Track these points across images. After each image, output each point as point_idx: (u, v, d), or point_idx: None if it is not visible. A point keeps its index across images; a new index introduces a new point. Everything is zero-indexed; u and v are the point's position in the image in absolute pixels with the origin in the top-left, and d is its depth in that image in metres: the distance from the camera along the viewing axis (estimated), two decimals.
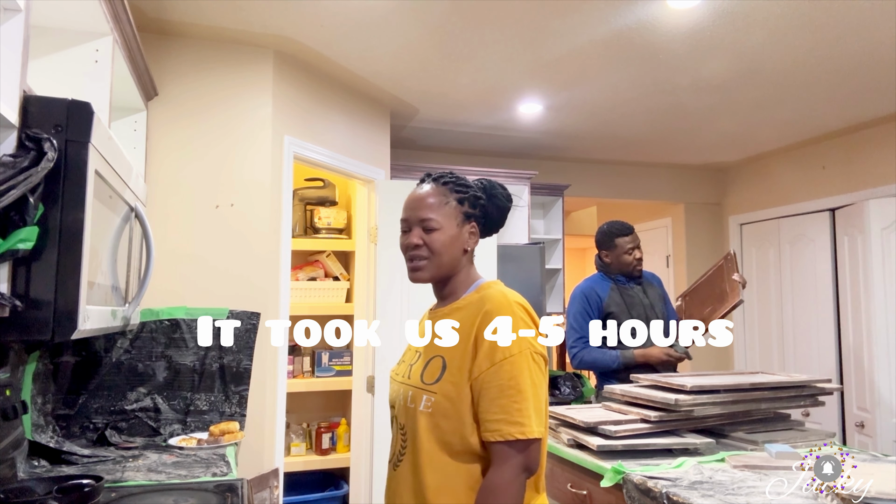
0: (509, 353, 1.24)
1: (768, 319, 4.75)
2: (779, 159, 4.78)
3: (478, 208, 1.41)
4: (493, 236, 3.46)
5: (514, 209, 4.32)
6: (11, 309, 1.14)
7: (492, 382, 1.24)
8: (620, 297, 2.91)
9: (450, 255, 1.37)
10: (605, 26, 2.62)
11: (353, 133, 3.40)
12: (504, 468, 1.22)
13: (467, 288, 1.40)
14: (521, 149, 4.69)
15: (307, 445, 3.88)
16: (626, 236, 2.93)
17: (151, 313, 2.53)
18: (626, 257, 2.93)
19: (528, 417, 1.22)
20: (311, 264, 4.01)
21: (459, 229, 1.38)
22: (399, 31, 2.69)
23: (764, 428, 2.22)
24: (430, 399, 1.28)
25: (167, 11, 2.52)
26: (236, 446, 2.33)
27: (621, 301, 2.90)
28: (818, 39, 2.73)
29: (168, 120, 2.68)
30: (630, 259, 2.93)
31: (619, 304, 2.89)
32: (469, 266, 1.43)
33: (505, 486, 1.21)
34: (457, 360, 1.28)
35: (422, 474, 1.27)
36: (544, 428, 1.27)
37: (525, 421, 1.22)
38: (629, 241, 2.93)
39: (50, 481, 1.62)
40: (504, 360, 1.24)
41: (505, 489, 1.21)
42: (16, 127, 1.19)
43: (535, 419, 1.23)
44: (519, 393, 1.23)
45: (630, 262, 2.93)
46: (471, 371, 1.26)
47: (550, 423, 2.31)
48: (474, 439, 1.26)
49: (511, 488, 1.21)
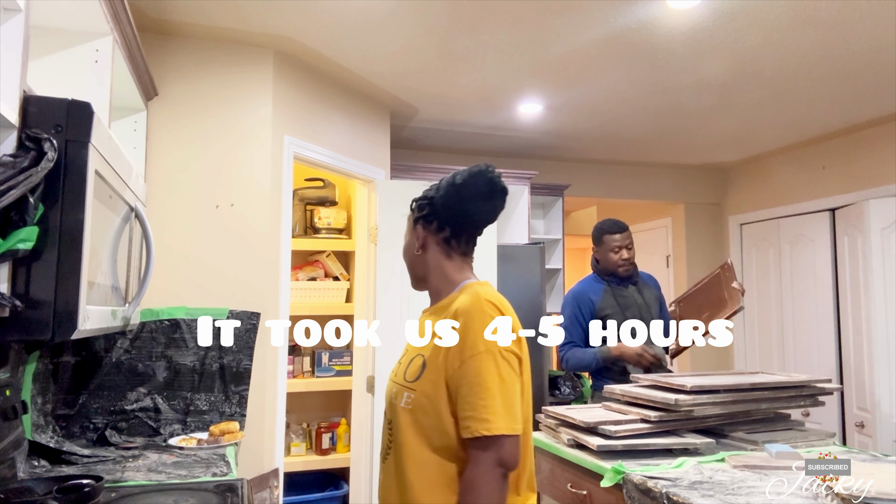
0: (476, 351, 1.26)
1: (768, 319, 4.75)
2: (779, 159, 4.78)
3: (425, 209, 1.43)
4: (493, 236, 3.50)
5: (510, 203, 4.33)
6: (11, 309, 1.14)
7: (462, 380, 1.26)
8: (614, 299, 2.89)
9: (409, 260, 1.48)
10: (605, 26, 2.62)
11: (353, 133, 3.40)
12: (476, 465, 1.24)
13: (452, 288, 1.43)
14: (521, 149, 4.69)
15: (307, 445, 3.88)
16: (614, 234, 2.89)
17: (151, 313, 2.53)
18: (611, 255, 2.89)
19: (494, 414, 1.23)
20: (311, 264, 4.01)
21: (412, 235, 1.47)
22: (399, 31, 2.69)
23: (764, 428, 2.22)
24: (410, 396, 1.32)
25: (167, 11, 2.52)
26: (236, 446, 2.33)
27: (615, 303, 2.88)
28: (818, 39, 2.73)
29: (168, 120, 2.68)
30: (615, 258, 2.89)
31: (613, 305, 2.87)
32: (448, 267, 1.44)
33: (478, 483, 1.23)
34: (434, 358, 1.32)
35: (404, 468, 1.31)
36: (519, 424, 1.27)
37: (491, 417, 1.23)
38: (618, 239, 2.88)
39: (50, 481, 1.62)
40: (471, 358, 1.26)
41: (478, 485, 1.22)
42: (16, 127, 1.19)
43: (503, 416, 1.23)
44: (485, 390, 1.24)
45: (615, 260, 2.89)
46: (445, 369, 1.29)
47: (550, 423, 2.31)
48: (453, 436, 1.28)
49: (484, 485, 1.22)
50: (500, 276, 3.70)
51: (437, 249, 1.44)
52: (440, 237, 1.43)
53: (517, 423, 1.27)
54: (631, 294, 2.92)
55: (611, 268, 2.91)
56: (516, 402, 1.29)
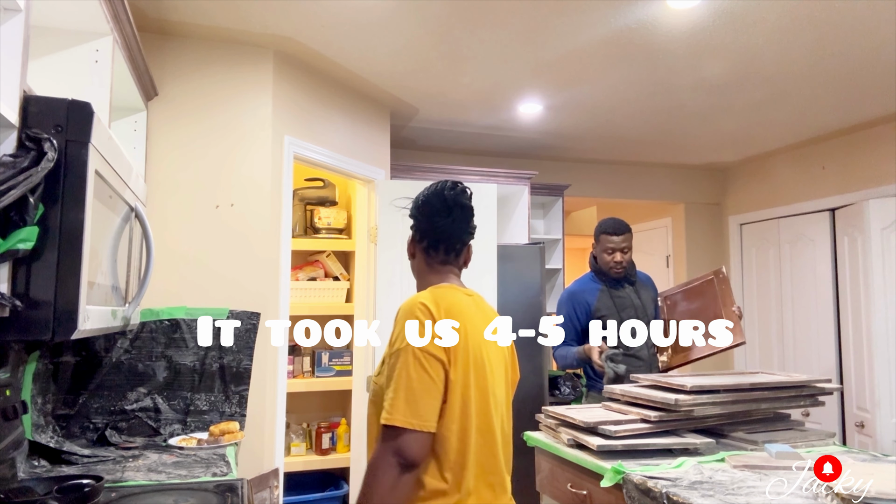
0: (395, 348, 1.40)
1: (768, 319, 4.75)
2: (779, 159, 4.78)
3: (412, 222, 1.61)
4: (493, 237, 3.50)
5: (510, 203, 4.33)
6: (11, 309, 1.14)
7: (388, 373, 1.40)
8: (611, 300, 2.88)
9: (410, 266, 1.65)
10: (605, 26, 2.63)
11: (353, 133, 3.40)
12: (377, 450, 1.36)
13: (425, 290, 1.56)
14: (521, 149, 4.69)
15: (307, 445, 3.88)
16: (611, 235, 2.86)
17: (151, 313, 2.53)
18: (605, 256, 2.89)
19: (394, 407, 1.34)
20: (311, 264, 4.01)
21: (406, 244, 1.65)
22: (399, 31, 2.69)
23: (764, 428, 2.22)
24: (372, 388, 1.48)
25: (167, 11, 2.52)
26: (236, 446, 2.33)
27: (612, 303, 2.87)
28: (818, 39, 2.73)
29: (168, 120, 2.68)
30: (608, 259, 2.87)
31: (609, 306, 2.87)
32: (426, 272, 1.59)
33: (373, 465, 1.34)
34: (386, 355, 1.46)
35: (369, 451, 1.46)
36: (423, 421, 1.34)
37: (391, 409, 1.34)
38: (614, 241, 2.85)
39: (50, 481, 1.62)
40: (391, 354, 1.41)
41: (373, 468, 1.34)
42: (16, 127, 1.19)
43: (403, 410, 1.34)
44: (395, 383, 1.36)
45: (607, 261, 2.88)
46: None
47: (550, 423, 2.31)
48: None
49: (378, 469, 1.33)
50: (500, 276, 3.70)
51: (420, 257, 1.60)
52: (421, 247, 1.59)
53: (419, 420, 1.34)
54: (627, 295, 2.91)
55: (604, 268, 2.92)
56: (422, 400, 1.35)
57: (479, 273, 3.41)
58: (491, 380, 1.46)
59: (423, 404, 1.35)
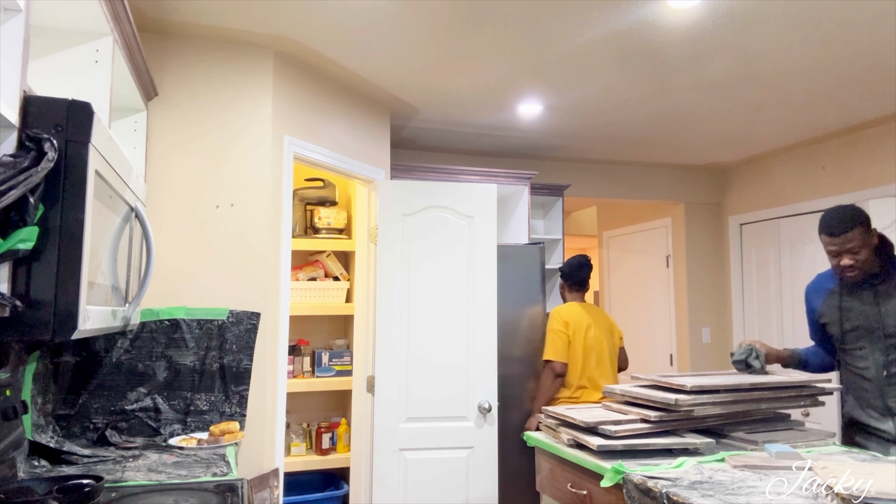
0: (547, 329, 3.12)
1: (768, 319, 4.75)
2: (779, 159, 4.78)
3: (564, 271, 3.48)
4: (493, 237, 3.52)
5: (510, 203, 4.33)
6: (11, 309, 1.14)
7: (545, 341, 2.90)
8: (837, 307, 2.37)
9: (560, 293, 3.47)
10: (605, 26, 2.63)
11: (353, 133, 3.40)
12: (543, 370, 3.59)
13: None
14: (521, 149, 4.69)
15: (307, 445, 3.88)
16: (825, 235, 2.27)
17: (151, 313, 2.53)
18: (829, 257, 2.31)
19: (546, 352, 3.53)
20: (312, 264, 4.01)
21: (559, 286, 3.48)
22: (399, 31, 2.69)
23: (764, 428, 2.23)
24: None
25: (167, 11, 2.52)
26: (236, 446, 2.33)
27: (836, 312, 2.37)
28: (818, 40, 2.74)
29: (168, 120, 2.68)
30: (832, 262, 2.29)
31: (832, 312, 2.38)
32: (567, 296, 3.85)
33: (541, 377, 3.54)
34: None
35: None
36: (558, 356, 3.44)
37: (546, 352, 3.52)
38: (834, 242, 2.24)
39: (50, 481, 1.62)
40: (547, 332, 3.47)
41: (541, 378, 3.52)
42: (16, 127, 1.19)
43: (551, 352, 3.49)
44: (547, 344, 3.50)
45: (833, 264, 2.30)
46: None
47: (550, 423, 2.31)
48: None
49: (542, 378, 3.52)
50: (500, 276, 3.71)
51: (566, 289, 3.67)
52: (564, 283, 3.64)
53: (557, 356, 3.40)
54: (861, 301, 2.28)
55: (835, 272, 2.33)
56: (559, 349, 3.40)
57: (479, 273, 3.42)
58: (591, 342, 3.42)
59: (559, 347, 3.39)
